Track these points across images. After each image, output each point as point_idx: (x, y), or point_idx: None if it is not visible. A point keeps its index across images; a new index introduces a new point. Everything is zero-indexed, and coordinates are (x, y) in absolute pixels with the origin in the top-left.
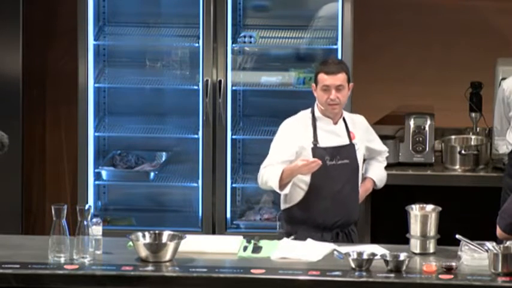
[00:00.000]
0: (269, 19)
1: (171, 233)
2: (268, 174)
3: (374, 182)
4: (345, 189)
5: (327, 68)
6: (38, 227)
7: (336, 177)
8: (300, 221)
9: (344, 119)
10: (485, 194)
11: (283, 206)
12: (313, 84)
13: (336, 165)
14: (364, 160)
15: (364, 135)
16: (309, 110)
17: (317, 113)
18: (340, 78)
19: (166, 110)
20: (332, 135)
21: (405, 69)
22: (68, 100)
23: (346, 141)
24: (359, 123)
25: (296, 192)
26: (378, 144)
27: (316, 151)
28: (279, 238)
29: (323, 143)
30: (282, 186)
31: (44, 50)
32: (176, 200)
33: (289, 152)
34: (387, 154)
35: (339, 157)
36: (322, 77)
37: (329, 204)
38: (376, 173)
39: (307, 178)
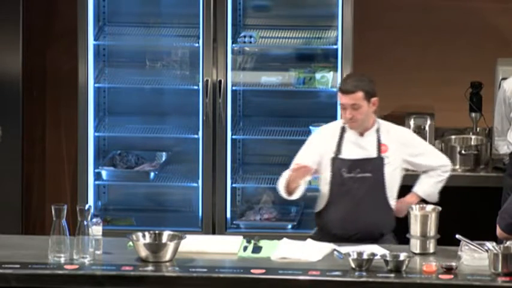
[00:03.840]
0: (269, 19)
1: (171, 233)
2: (280, 181)
3: (419, 196)
4: (365, 203)
5: (344, 86)
6: (38, 227)
7: (354, 190)
8: (320, 228)
9: (378, 131)
10: (485, 194)
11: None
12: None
13: (354, 178)
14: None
15: (402, 149)
16: (342, 120)
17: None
18: (355, 97)
19: (166, 110)
20: (357, 148)
21: (405, 69)
22: (68, 100)
23: (373, 154)
24: (397, 137)
25: (320, 200)
26: (429, 159)
27: (335, 162)
28: (313, 238)
29: (345, 154)
30: (289, 192)
31: (44, 50)
32: (176, 200)
33: (308, 161)
34: (447, 168)
35: (359, 170)
36: (339, 95)
37: (345, 216)
38: (422, 187)
39: (326, 188)
